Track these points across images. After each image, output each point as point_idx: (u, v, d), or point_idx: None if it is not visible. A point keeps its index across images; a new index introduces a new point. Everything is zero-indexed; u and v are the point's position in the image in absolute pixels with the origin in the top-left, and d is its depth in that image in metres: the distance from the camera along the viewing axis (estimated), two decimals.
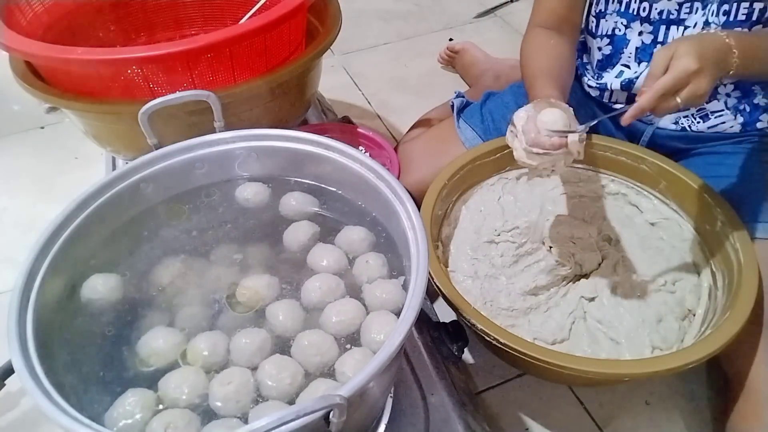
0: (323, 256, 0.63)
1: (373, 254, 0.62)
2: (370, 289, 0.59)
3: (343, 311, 0.57)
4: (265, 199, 0.70)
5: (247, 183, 0.70)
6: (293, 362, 0.53)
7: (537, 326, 0.80)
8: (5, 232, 1.16)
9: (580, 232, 0.87)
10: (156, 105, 0.65)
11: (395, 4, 1.87)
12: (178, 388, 0.51)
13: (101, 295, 0.58)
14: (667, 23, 0.82)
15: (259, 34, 0.82)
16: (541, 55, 0.86)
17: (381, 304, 0.58)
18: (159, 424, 0.49)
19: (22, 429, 0.85)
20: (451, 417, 0.69)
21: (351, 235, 0.64)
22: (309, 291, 0.59)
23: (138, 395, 0.51)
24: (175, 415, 0.50)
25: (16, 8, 0.90)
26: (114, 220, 0.64)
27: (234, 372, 0.53)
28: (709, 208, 0.81)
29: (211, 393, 0.51)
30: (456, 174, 0.87)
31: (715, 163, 0.87)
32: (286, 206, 0.69)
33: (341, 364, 0.53)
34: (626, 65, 0.88)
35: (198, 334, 0.56)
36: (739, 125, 0.86)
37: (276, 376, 0.52)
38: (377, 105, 1.49)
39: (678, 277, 0.81)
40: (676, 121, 0.89)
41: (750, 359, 0.73)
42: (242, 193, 0.69)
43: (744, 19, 0.76)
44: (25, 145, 1.37)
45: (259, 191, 0.70)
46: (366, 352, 0.53)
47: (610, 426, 0.86)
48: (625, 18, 0.85)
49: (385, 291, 0.58)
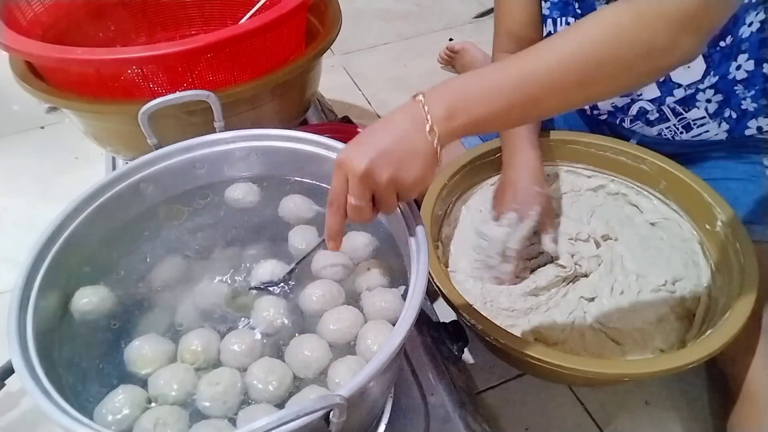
0: (327, 262, 0.61)
1: (374, 261, 0.62)
2: (369, 297, 0.58)
3: (341, 319, 0.56)
4: (256, 199, 0.69)
5: (237, 184, 0.69)
6: (282, 366, 0.53)
7: (537, 326, 0.80)
8: (5, 232, 1.16)
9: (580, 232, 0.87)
10: (156, 105, 0.65)
11: (395, 4, 1.87)
12: (168, 385, 0.51)
13: (95, 306, 0.57)
14: None
15: (259, 34, 0.82)
16: None
17: (379, 313, 0.57)
18: (149, 419, 0.49)
19: (22, 429, 0.85)
20: (451, 417, 0.69)
21: (355, 241, 0.63)
22: (309, 296, 0.58)
23: (128, 392, 0.51)
24: (165, 412, 0.50)
25: (16, 8, 0.90)
26: (114, 220, 0.64)
27: (223, 372, 0.52)
28: (709, 208, 0.81)
29: (199, 392, 0.51)
30: (456, 174, 0.87)
31: (709, 167, 0.87)
32: (285, 209, 0.68)
33: (334, 371, 0.52)
34: None
35: (191, 331, 0.56)
36: (724, 133, 0.84)
37: (264, 380, 0.51)
38: (377, 105, 1.49)
39: (678, 277, 0.81)
40: (659, 133, 0.88)
41: (750, 359, 0.73)
42: (233, 193, 0.69)
43: None
44: (25, 145, 1.37)
45: (251, 191, 0.69)
46: (360, 361, 0.53)
47: (610, 426, 0.86)
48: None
49: (385, 300, 0.57)
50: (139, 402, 0.50)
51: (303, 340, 0.55)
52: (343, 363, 0.53)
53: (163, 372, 0.52)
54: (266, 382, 0.51)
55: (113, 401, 0.50)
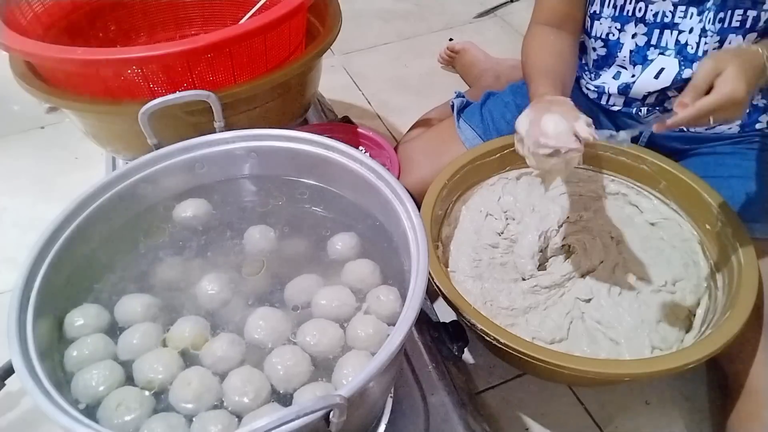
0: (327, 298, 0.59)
1: (384, 288, 0.59)
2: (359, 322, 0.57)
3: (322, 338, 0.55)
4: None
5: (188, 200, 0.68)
6: (261, 378, 0.52)
7: (535, 326, 0.80)
8: (5, 232, 1.16)
9: (579, 232, 0.87)
10: (156, 105, 0.65)
11: (395, 4, 1.87)
12: (151, 370, 0.52)
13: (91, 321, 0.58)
14: (661, 27, 0.82)
15: (259, 34, 0.82)
16: (541, 53, 0.86)
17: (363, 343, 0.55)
18: (113, 400, 0.50)
19: (22, 429, 0.85)
20: (451, 417, 0.69)
21: (360, 269, 0.62)
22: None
23: (108, 369, 0.52)
24: (129, 394, 0.50)
25: (16, 8, 0.90)
26: (114, 220, 0.64)
27: (197, 372, 0.52)
28: (709, 208, 0.81)
29: (173, 387, 0.52)
30: (456, 174, 0.87)
31: (715, 164, 0.87)
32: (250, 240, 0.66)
33: (301, 392, 0.52)
34: (622, 66, 0.88)
35: (180, 319, 0.57)
36: (737, 126, 0.86)
37: (241, 389, 0.51)
38: (377, 105, 1.49)
39: (678, 277, 0.81)
40: None
41: (750, 359, 0.73)
42: (183, 211, 0.67)
43: (738, 26, 0.76)
44: (25, 145, 1.37)
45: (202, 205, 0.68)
46: (328, 387, 0.52)
47: (610, 426, 0.86)
48: (619, 22, 0.85)
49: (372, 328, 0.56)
50: (115, 382, 0.52)
51: (285, 351, 0.54)
52: (312, 387, 0.52)
53: (148, 356, 0.53)
54: (243, 393, 0.51)
55: (90, 375, 0.51)
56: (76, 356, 0.53)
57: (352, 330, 0.56)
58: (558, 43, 0.87)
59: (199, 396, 0.50)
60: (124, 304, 0.58)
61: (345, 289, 0.60)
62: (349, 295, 0.59)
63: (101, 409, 0.50)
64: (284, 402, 0.52)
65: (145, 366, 0.53)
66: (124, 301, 0.59)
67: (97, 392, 0.51)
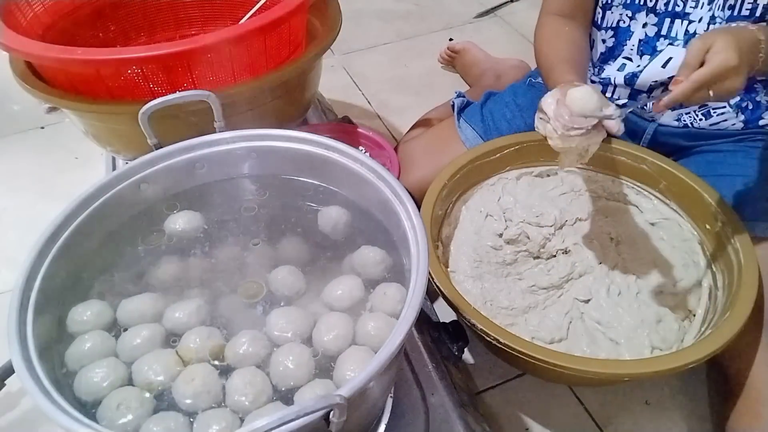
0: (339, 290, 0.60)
1: (394, 285, 0.59)
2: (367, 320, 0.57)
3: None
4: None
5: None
6: (264, 380, 0.52)
7: (534, 325, 0.80)
8: (5, 232, 1.16)
9: (579, 233, 0.87)
10: (156, 105, 0.65)
11: (395, 4, 1.87)
12: (150, 369, 0.52)
13: (90, 318, 0.57)
14: (672, 16, 0.82)
15: (259, 34, 0.82)
16: (557, 42, 0.86)
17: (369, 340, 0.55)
18: (114, 400, 0.49)
19: (22, 429, 0.85)
20: (451, 417, 0.69)
21: (366, 257, 0.62)
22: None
23: (111, 366, 0.52)
24: (130, 394, 0.50)
25: (16, 8, 0.90)
26: (114, 220, 0.64)
27: (199, 369, 0.52)
28: (709, 208, 0.81)
29: (175, 384, 0.51)
30: (456, 174, 0.87)
31: (716, 162, 0.87)
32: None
33: (301, 391, 0.52)
34: (628, 58, 0.88)
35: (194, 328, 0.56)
36: (741, 123, 0.86)
37: (242, 390, 0.51)
38: (377, 105, 1.49)
39: (678, 277, 0.81)
40: (678, 118, 0.89)
41: (750, 359, 0.73)
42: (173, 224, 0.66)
43: (747, 14, 0.76)
44: (25, 145, 1.37)
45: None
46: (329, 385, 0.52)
47: (610, 426, 0.86)
48: (630, 9, 0.85)
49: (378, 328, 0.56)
50: (118, 380, 0.51)
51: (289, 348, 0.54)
52: (311, 387, 0.52)
53: (148, 356, 0.53)
54: (243, 393, 0.51)
55: (93, 371, 0.51)
56: (79, 352, 0.53)
57: (362, 326, 0.56)
58: (571, 33, 0.87)
59: (199, 394, 0.50)
60: (126, 304, 0.58)
61: (356, 279, 0.60)
62: (360, 288, 0.60)
63: (102, 409, 0.50)
64: (287, 401, 0.52)
65: (145, 367, 0.52)
66: (126, 302, 0.58)
67: (100, 389, 0.51)
